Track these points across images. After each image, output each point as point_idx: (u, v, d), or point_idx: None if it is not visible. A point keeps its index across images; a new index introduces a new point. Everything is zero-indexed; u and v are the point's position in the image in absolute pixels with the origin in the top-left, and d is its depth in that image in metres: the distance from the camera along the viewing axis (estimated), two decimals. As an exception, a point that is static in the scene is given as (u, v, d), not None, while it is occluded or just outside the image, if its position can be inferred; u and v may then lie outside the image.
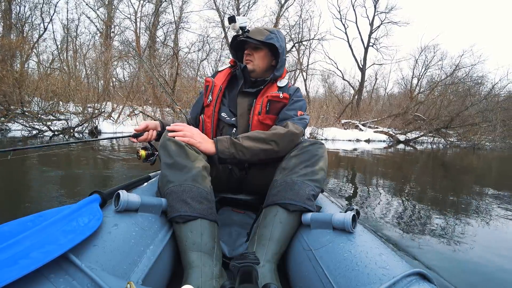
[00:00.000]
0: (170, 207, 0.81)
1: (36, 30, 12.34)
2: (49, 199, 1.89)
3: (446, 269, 1.26)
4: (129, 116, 9.86)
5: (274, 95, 1.10)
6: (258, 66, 1.15)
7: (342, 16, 17.89)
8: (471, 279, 1.21)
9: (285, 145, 0.98)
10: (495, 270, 1.31)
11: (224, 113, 1.14)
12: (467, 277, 1.23)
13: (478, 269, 1.31)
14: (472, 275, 1.25)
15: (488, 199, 2.73)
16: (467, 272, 1.28)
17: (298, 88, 1.18)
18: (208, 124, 1.15)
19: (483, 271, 1.29)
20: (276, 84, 1.15)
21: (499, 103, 11.77)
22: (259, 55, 1.14)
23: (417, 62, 16.99)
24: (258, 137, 0.96)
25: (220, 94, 1.15)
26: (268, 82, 1.14)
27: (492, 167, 5.92)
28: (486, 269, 1.32)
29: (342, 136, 11.65)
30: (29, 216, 0.61)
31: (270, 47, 1.15)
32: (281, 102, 1.11)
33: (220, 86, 1.16)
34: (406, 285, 0.53)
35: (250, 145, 0.95)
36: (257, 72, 1.16)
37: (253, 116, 1.09)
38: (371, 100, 19.00)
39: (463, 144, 11.36)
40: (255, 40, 1.10)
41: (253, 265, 0.57)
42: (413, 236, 1.64)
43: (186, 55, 13.55)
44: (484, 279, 1.22)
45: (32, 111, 7.34)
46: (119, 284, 0.53)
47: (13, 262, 0.46)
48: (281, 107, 1.11)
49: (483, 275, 1.25)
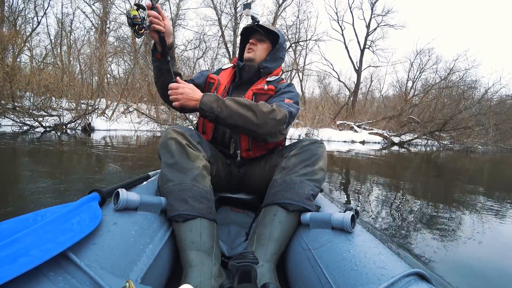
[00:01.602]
0: (169, 206, 0.81)
1: (29, 24, 12.12)
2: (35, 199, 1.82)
3: (445, 269, 1.26)
4: (123, 113, 9.76)
5: (259, 88, 1.14)
6: (258, 56, 1.19)
7: (339, 18, 17.98)
8: (470, 279, 1.22)
9: (265, 121, 0.96)
10: (494, 269, 1.32)
11: None
12: (466, 277, 1.23)
13: (477, 268, 1.32)
14: (471, 275, 1.26)
15: (485, 200, 2.76)
16: (466, 272, 1.28)
17: (291, 84, 1.19)
18: (209, 123, 1.14)
19: (482, 271, 1.30)
20: (265, 79, 1.19)
21: (491, 107, 11.97)
22: (262, 47, 1.20)
23: (412, 65, 17.18)
24: (242, 102, 0.97)
25: (224, 94, 1.16)
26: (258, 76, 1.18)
27: (485, 169, 6.01)
28: (485, 268, 1.32)
29: (337, 137, 11.71)
30: (28, 214, 0.60)
31: (273, 42, 1.20)
32: (267, 94, 1.14)
33: (225, 85, 1.18)
34: (405, 285, 0.54)
35: (232, 105, 0.95)
36: (255, 62, 1.19)
37: None
38: (366, 101, 19.14)
39: (456, 147, 11.53)
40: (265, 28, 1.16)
41: (252, 265, 0.57)
42: (411, 236, 1.65)
43: (182, 53, 13.47)
44: (483, 279, 1.23)
45: (23, 106, 7.19)
46: (118, 282, 0.53)
47: (12, 260, 0.46)
48: (267, 99, 1.13)
49: (482, 275, 1.26)
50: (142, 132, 8.32)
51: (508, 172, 5.94)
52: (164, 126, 8.13)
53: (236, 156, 1.12)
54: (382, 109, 17.67)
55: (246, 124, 0.96)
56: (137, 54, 11.61)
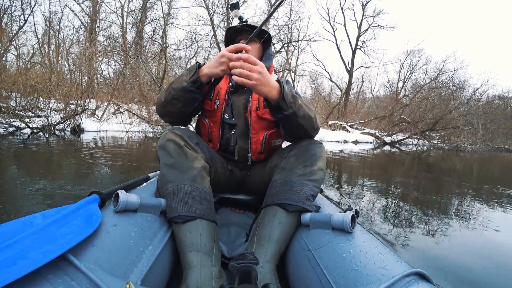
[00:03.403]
0: (169, 207, 0.80)
1: (15, 22, 11.82)
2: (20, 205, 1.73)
3: (445, 269, 1.26)
4: (114, 114, 9.62)
5: None
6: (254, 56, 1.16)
7: (331, 19, 18.23)
8: (470, 278, 1.22)
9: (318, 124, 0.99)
10: (494, 269, 1.32)
11: (226, 113, 1.12)
12: (466, 276, 1.23)
13: (477, 268, 1.32)
14: (472, 274, 1.25)
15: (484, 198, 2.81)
16: (466, 271, 1.28)
17: (287, 81, 1.20)
18: (215, 129, 1.10)
19: (482, 271, 1.30)
20: None
21: (480, 107, 12.29)
22: (253, 47, 1.15)
23: (403, 66, 17.52)
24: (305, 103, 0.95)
25: (226, 99, 1.12)
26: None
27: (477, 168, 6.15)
28: (486, 268, 1.32)
29: (330, 137, 11.82)
30: (28, 216, 0.59)
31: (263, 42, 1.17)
32: None
33: (226, 90, 1.13)
34: (405, 285, 0.54)
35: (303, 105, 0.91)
36: None
37: (251, 112, 1.09)
38: (357, 102, 19.38)
39: (446, 146, 11.77)
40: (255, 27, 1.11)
41: (252, 265, 0.56)
42: (412, 236, 1.66)
43: (174, 53, 13.36)
44: (483, 279, 1.23)
45: (9, 106, 6.97)
46: (118, 284, 0.53)
47: (11, 263, 0.45)
48: None
49: (482, 275, 1.26)
50: (134, 133, 8.21)
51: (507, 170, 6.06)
52: (156, 127, 8.02)
53: (244, 160, 1.11)
54: (374, 109, 17.93)
55: (309, 127, 0.95)
56: (128, 53, 11.46)
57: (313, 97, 18.66)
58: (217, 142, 1.11)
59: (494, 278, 1.24)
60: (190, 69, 0.93)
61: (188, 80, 0.91)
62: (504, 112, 13.45)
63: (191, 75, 0.91)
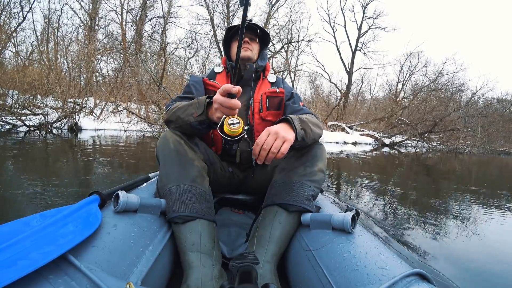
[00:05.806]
0: (169, 207, 0.80)
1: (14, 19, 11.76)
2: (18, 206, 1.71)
3: (446, 269, 1.26)
4: (112, 112, 9.60)
5: (271, 91, 1.14)
6: (254, 55, 1.19)
7: (331, 20, 18.25)
8: (470, 278, 1.22)
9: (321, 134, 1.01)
10: (494, 269, 1.32)
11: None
12: (467, 277, 1.23)
13: (477, 268, 1.32)
14: (472, 274, 1.26)
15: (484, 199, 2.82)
16: (466, 271, 1.28)
17: (284, 81, 1.24)
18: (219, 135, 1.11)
19: (482, 271, 1.30)
20: (267, 80, 1.20)
21: (479, 109, 12.33)
22: (254, 46, 1.19)
23: (402, 67, 17.57)
24: (314, 122, 0.95)
25: None
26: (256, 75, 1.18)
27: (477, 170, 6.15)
28: (486, 268, 1.33)
29: (329, 138, 11.83)
30: (28, 217, 0.59)
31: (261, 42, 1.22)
32: (279, 96, 1.15)
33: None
34: (406, 285, 0.54)
35: (312, 128, 0.92)
36: (253, 61, 1.18)
37: (254, 114, 1.09)
38: (356, 103, 19.42)
39: (445, 148, 11.80)
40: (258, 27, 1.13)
41: (253, 265, 0.56)
42: (412, 236, 1.65)
43: (173, 51, 13.34)
44: (483, 279, 1.23)
45: (5, 104, 6.91)
46: (118, 284, 0.53)
47: (12, 263, 0.45)
48: (279, 102, 1.15)
49: (483, 275, 1.26)
50: (132, 132, 8.19)
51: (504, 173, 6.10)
52: (154, 126, 8.01)
53: (248, 162, 1.12)
54: (373, 111, 17.96)
55: (316, 139, 0.98)
56: (127, 52, 11.42)
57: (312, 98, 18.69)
58: (220, 146, 1.10)
59: (494, 278, 1.25)
60: (199, 104, 0.87)
61: (195, 118, 0.86)
62: (502, 114, 13.51)
63: (199, 112, 0.85)
